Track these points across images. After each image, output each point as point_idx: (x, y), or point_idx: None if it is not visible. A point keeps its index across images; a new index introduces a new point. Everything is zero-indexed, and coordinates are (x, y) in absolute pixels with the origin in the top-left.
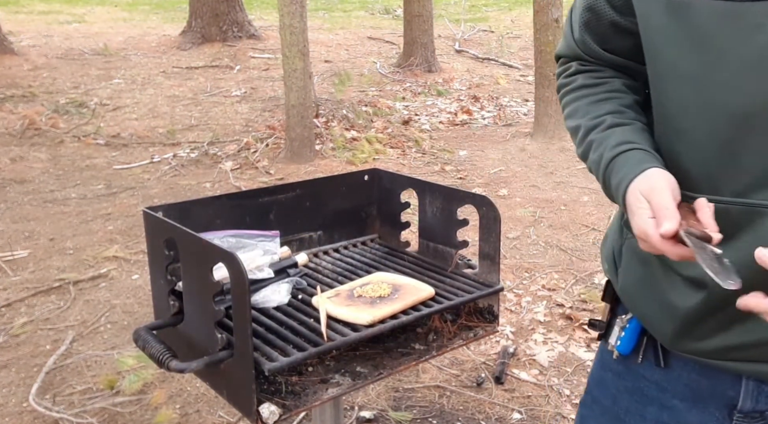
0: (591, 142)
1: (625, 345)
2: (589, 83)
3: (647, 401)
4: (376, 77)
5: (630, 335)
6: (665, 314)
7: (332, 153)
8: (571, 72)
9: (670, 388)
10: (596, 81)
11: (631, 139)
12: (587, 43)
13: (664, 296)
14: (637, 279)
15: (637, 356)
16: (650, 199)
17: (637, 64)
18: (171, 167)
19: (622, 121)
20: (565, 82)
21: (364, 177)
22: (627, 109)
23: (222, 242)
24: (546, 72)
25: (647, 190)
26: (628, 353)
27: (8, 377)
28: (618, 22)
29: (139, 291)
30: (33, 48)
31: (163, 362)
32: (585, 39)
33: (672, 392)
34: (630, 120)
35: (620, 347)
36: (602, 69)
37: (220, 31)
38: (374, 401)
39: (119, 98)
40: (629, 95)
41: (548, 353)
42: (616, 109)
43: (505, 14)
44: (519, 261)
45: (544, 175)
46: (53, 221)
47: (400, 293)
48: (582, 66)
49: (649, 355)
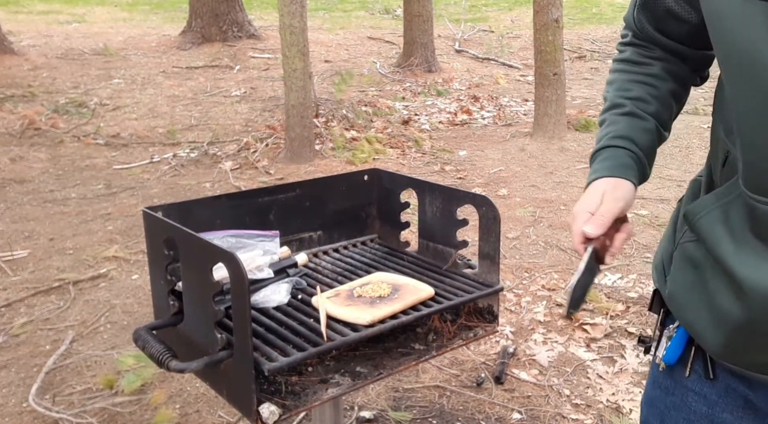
0: (605, 120)
1: (671, 354)
2: (634, 59)
3: (695, 417)
4: (376, 77)
5: (677, 343)
6: (714, 322)
7: (332, 153)
8: (626, 41)
9: (720, 402)
10: (641, 59)
11: (632, 136)
12: (642, 23)
13: (713, 301)
14: (686, 284)
15: (685, 369)
16: (603, 200)
17: (689, 48)
18: (171, 167)
19: (640, 113)
20: (619, 49)
21: (363, 177)
22: (654, 99)
23: (222, 242)
24: (546, 72)
25: (609, 191)
26: (674, 363)
27: (8, 377)
28: (674, 10)
29: (138, 291)
30: (33, 48)
31: (163, 362)
32: (640, 18)
33: (722, 406)
34: (648, 115)
35: (666, 356)
36: (653, 48)
37: (220, 31)
38: (374, 401)
39: (119, 98)
40: (667, 83)
41: (548, 353)
42: (643, 96)
43: (505, 14)
44: (519, 261)
45: (543, 175)
46: (53, 220)
47: (399, 293)
48: (636, 39)
49: (697, 367)
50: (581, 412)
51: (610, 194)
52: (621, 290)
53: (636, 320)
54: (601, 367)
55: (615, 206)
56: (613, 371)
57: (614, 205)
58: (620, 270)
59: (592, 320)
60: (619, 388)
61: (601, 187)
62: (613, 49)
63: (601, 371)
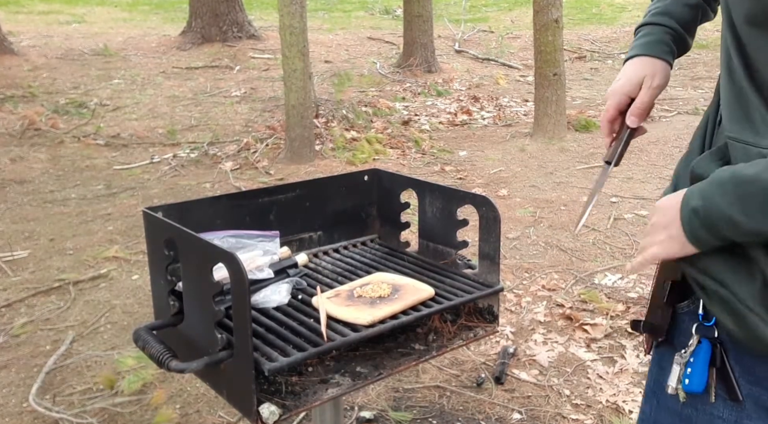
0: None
1: (696, 382)
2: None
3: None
4: (375, 77)
5: (700, 368)
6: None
7: (332, 153)
8: None
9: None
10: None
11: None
12: None
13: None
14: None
15: (709, 395)
16: (642, 88)
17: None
18: (171, 167)
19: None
20: None
21: (364, 177)
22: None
23: (222, 242)
24: (546, 72)
25: (648, 78)
26: (701, 392)
27: (8, 378)
28: None
29: (139, 291)
30: (33, 48)
31: (163, 362)
32: None
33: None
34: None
35: (690, 385)
36: None
37: (220, 31)
38: (374, 401)
39: (119, 98)
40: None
41: (548, 353)
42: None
43: (505, 14)
44: (519, 261)
45: (543, 176)
46: (53, 221)
47: (400, 294)
48: None
49: (721, 391)
50: (581, 412)
51: (648, 82)
52: (621, 290)
53: None
54: (601, 367)
55: (653, 96)
56: (614, 372)
57: (653, 94)
58: (620, 270)
59: (593, 320)
60: (620, 388)
61: (641, 72)
62: (612, 49)
63: (602, 372)
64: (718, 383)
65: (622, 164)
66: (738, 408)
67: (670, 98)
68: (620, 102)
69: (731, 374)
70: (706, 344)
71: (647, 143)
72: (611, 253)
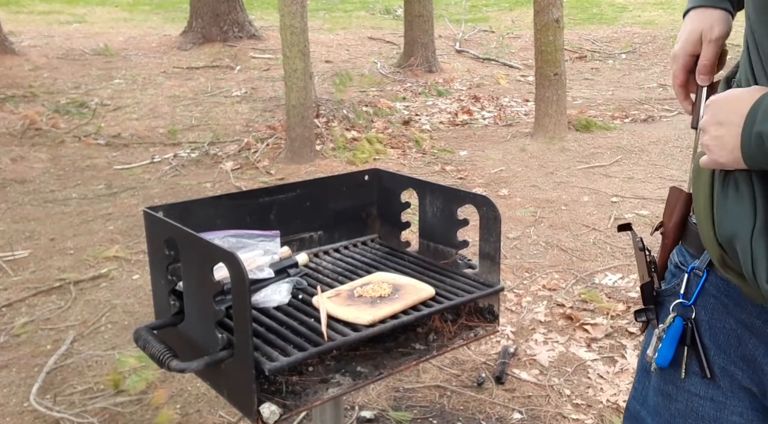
0: None
1: (663, 356)
2: None
3: (704, 422)
4: (376, 77)
5: (668, 344)
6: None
7: (333, 153)
8: None
9: (728, 403)
10: None
11: None
12: None
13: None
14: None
15: (680, 371)
16: (702, 43)
17: None
18: (171, 167)
19: None
20: None
21: (364, 177)
22: None
23: (222, 242)
24: (546, 72)
25: (706, 31)
26: (666, 365)
27: (9, 377)
28: None
29: (139, 291)
30: (34, 48)
31: (164, 362)
32: None
33: (731, 409)
34: None
35: (658, 359)
36: None
37: (221, 31)
38: (374, 401)
39: (120, 98)
40: None
41: (549, 353)
42: None
43: (505, 14)
44: (519, 261)
45: (544, 176)
46: (54, 221)
47: (400, 293)
48: None
49: (693, 366)
50: (582, 412)
51: (708, 36)
52: (622, 290)
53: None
54: (601, 367)
55: (717, 49)
56: (614, 371)
57: (715, 47)
58: (621, 270)
59: (593, 320)
60: (620, 388)
61: (698, 27)
62: (613, 49)
63: (602, 371)
64: (690, 360)
65: (623, 164)
66: (714, 386)
67: (671, 98)
68: (685, 64)
69: (701, 351)
70: (678, 322)
71: (647, 143)
72: (611, 253)
